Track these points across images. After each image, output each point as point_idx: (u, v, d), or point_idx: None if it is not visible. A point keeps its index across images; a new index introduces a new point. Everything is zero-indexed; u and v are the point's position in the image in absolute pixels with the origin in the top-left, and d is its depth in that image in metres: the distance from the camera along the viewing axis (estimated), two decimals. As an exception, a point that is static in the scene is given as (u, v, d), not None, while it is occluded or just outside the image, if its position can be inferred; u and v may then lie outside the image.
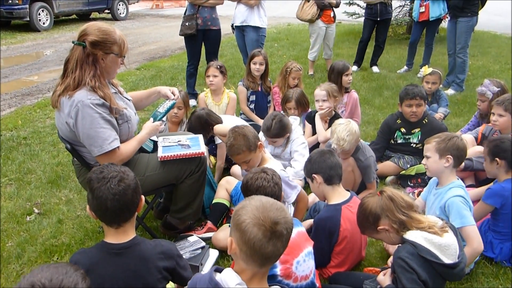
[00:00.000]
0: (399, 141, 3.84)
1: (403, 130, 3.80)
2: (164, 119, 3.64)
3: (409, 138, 3.80)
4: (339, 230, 2.40)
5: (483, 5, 6.32)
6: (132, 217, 1.81)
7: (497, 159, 2.68)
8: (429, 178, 2.98)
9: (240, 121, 3.79)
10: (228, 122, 3.52)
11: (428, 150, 2.59)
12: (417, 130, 3.76)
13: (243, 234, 1.42)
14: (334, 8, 6.87)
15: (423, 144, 3.46)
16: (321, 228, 2.43)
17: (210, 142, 3.82)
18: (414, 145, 3.78)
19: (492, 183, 2.82)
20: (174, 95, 2.77)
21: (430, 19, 6.71)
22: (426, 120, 3.74)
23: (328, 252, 2.48)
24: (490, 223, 2.74)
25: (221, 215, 3.05)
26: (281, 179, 2.38)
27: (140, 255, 1.77)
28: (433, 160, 2.55)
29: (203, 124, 3.51)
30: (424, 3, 6.68)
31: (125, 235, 1.79)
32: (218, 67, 4.23)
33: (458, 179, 2.58)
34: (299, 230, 2.21)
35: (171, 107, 2.74)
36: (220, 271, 1.54)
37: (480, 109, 4.08)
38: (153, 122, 2.63)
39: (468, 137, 3.69)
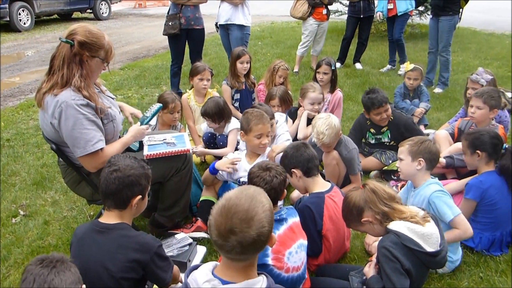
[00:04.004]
0: (372, 142, 3.88)
1: (372, 130, 3.84)
2: (153, 123, 3.64)
3: (380, 138, 3.84)
4: (323, 217, 2.44)
5: (466, 1, 6.39)
6: (119, 207, 1.94)
7: (478, 151, 2.76)
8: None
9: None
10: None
11: (402, 153, 2.62)
12: (385, 128, 3.79)
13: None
14: (327, 6, 6.89)
15: (395, 140, 3.51)
16: (307, 214, 2.45)
17: (211, 139, 3.87)
18: (387, 143, 3.82)
19: (472, 177, 2.86)
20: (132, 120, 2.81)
21: (398, 14, 6.85)
22: (392, 117, 3.72)
23: (318, 238, 2.49)
24: (470, 214, 2.81)
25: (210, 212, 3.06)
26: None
27: (116, 239, 1.89)
28: (405, 162, 2.59)
29: (220, 109, 3.64)
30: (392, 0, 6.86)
31: (114, 219, 1.94)
32: (210, 70, 4.29)
33: (432, 178, 2.59)
34: (295, 220, 2.25)
35: (158, 110, 2.77)
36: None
37: (470, 98, 4.01)
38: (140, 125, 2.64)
39: (443, 133, 3.73)
